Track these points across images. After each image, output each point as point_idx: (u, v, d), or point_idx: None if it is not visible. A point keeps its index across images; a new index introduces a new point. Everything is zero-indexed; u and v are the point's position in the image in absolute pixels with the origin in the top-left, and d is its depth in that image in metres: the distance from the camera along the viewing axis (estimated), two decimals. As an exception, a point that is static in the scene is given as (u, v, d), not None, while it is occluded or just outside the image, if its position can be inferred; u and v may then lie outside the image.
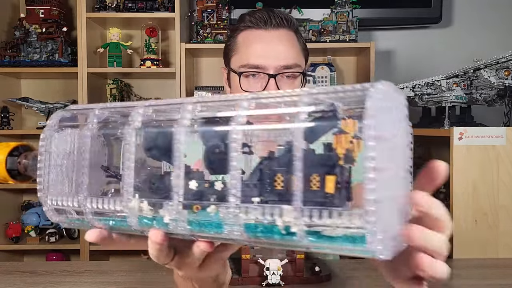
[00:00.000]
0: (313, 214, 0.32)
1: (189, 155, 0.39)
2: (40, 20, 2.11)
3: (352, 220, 0.31)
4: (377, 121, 0.30)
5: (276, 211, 0.34)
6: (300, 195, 0.33)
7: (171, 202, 0.39)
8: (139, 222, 0.41)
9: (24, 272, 0.98)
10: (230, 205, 0.36)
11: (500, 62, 1.26)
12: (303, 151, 0.33)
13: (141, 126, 0.41)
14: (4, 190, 2.15)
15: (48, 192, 0.46)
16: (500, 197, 1.20)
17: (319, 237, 0.33)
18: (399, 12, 2.19)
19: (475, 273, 1.04)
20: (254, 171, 0.37)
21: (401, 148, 0.35)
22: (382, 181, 0.30)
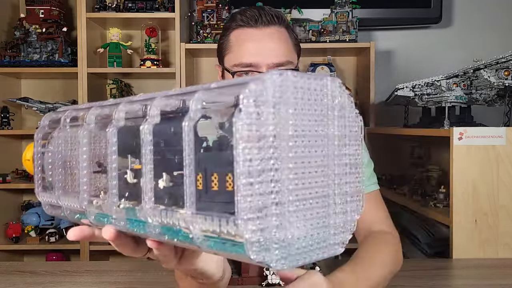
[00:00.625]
0: (199, 220, 0.30)
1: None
2: (40, 20, 2.11)
3: (230, 228, 0.28)
4: (248, 119, 0.27)
5: (176, 215, 0.32)
6: (193, 199, 0.31)
7: (108, 200, 0.38)
8: (96, 219, 0.41)
9: (24, 272, 0.98)
10: (143, 205, 0.35)
11: (500, 62, 1.26)
12: (197, 149, 0.31)
13: (93, 125, 0.42)
14: (4, 190, 2.15)
15: (41, 189, 0.48)
16: (500, 197, 1.20)
17: (222, 243, 0.30)
18: (399, 12, 2.19)
19: (475, 273, 1.04)
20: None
21: (323, 142, 0.32)
22: (261, 184, 0.27)
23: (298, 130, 0.30)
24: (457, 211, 1.21)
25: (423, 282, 0.92)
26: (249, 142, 0.27)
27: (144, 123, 0.35)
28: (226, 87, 0.31)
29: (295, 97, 0.30)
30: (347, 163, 0.34)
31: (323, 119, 0.32)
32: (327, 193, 0.32)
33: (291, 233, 0.29)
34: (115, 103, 0.41)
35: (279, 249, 0.29)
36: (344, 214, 0.34)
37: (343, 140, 0.34)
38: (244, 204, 0.27)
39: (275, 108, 0.29)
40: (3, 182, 2.07)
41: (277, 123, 0.29)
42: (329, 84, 0.32)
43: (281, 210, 0.29)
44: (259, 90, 0.28)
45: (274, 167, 0.28)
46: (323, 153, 0.32)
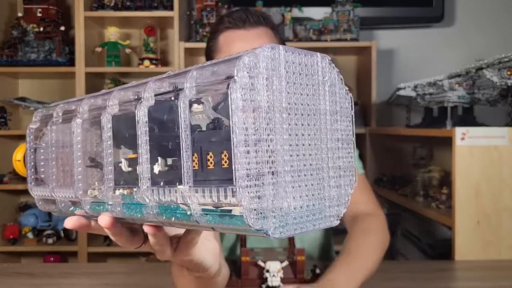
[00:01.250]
0: (198, 192, 0.31)
1: None
2: (37, 19, 2.09)
3: (229, 197, 0.29)
4: (243, 91, 0.28)
5: (173, 191, 0.33)
6: (190, 174, 0.31)
7: (103, 187, 0.39)
8: (91, 208, 0.42)
9: (21, 274, 0.97)
10: (140, 187, 0.35)
11: (502, 62, 1.25)
12: (191, 128, 0.32)
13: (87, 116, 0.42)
14: (1, 191, 2.14)
15: (34, 184, 0.49)
16: (503, 198, 1.19)
17: (220, 217, 0.31)
18: (401, 11, 2.19)
19: (478, 275, 1.03)
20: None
21: (316, 117, 0.33)
22: (256, 153, 0.28)
23: (291, 103, 0.31)
24: (459, 212, 1.19)
25: (425, 283, 0.92)
26: (245, 112, 0.28)
27: (139, 106, 0.36)
28: (219, 64, 0.32)
29: (287, 71, 0.31)
30: (339, 138, 0.35)
31: (314, 93, 0.33)
32: (321, 166, 0.33)
33: (288, 202, 0.30)
34: (106, 92, 0.42)
35: (276, 217, 0.29)
36: (338, 187, 0.35)
37: (334, 115, 0.35)
38: (242, 171, 0.28)
39: (268, 80, 0.30)
40: (0, 183, 2.06)
41: (271, 94, 0.30)
42: (319, 60, 0.33)
43: (277, 179, 0.29)
44: (252, 62, 0.29)
45: (269, 137, 0.29)
46: (315, 126, 0.33)
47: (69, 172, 0.44)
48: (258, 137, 0.28)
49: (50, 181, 0.46)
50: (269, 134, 0.29)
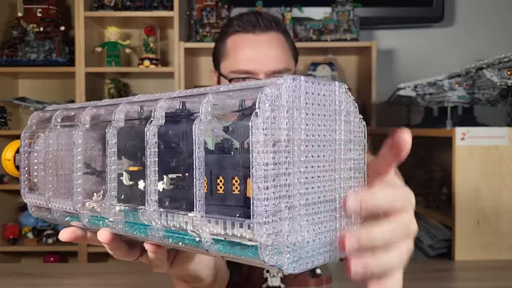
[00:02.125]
0: (211, 222, 0.30)
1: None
2: (37, 19, 2.09)
3: (244, 231, 0.29)
4: (264, 123, 0.28)
5: (184, 218, 0.32)
6: (202, 201, 0.31)
7: (104, 202, 0.39)
8: (89, 222, 0.41)
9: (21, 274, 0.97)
10: (147, 209, 0.35)
11: (502, 62, 1.25)
12: (206, 152, 0.31)
13: (89, 127, 0.42)
14: (1, 191, 2.14)
15: (27, 190, 0.48)
16: (503, 198, 1.19)
17: (230, 246, 0.31)
18: (401, 11, 2.19)
19: (478, 275, 1.03)
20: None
21: (332, 147, 0.33)
22: (275, 188, 0.28)
23: (309, 135, 0.31)
24: (459, 212, 1.19)
25: (425, 284, 0.92)
26: (265, 147, 0.28)
27: (149, 124, 0.35)
28: (237, 90, 0.32)
29: (307, 102, 0.31)
30: (351, 167, 0.35)
31: (331, 124, 0.33)
32: (333, 197, 0.33)
33: (302, 236, 0.30)
34: (111, 103, 0.41)
35: (290, 252, 0.29)
36: (348, 218, 0.35)
37: (348, 145, 0.35)
38: (260, 208, 0.27)
39: (289, 113, 0.29)
40: (0, 183, 2.06)
41: (291, 127, 0.29)
42: (337, 89, 0.33)
43: (293, 214, 0.29)
44: (274, 95, 0.29)
45: (287, 171, 0.29)
46: (330, 157, 0.33)
47: (67, 182, 0.44)
48: (277, 171, 0.28)
49: (46, 190, 0.45)
50: (287, 168, 0.29)
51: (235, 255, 0.30)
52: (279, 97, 0.29)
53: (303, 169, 0.30)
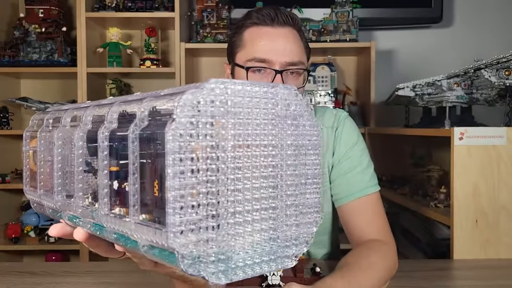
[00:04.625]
0: (138, 229, 0.29)
1: None
2: (39, 19, 2.10)
3: (163, 240, 0.27)
4: (181, 129, 0.26)
5: (124, 223, 0.31)
6: (136, 207, 0.30)
7: (75, 201, 0.38)
8: (69, 219, 0.42)
9: (23, 273, 0.98)
10: (99, 212, 0.34)
11: (500, 62, 1.26)
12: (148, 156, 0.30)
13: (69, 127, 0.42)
14: (4, 190, 2.15)
15: (27, 187, 0.49)
16: (501, 197, 1.20)
17: (165, 251, 0.29)
18: (400, 11, 2.19)
19: (476, 274, 1.04)
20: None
21: (273, 152, 0.31)
22: (192, 196, 0.26)
23: (242, 140, 0.29)
24: (457, 211, 1.20)
25: (424, 282, 0.92)
26: (181, 154, 0.26)
27: (101, 129, 0.34)
28: (167, 96, 0.30)
29: (239, 106, 0.29)
30: (303, 173, 0.32)
31: (274, 128, 0.31)
32: (276, 205, 0.31)
33: (231, 246, 0.28)
34: (84, 106, 0.41)
35: (215, 262, 0.28)
36: (297, 226, 0.32)
37: (298, 149, 0.32)
38: (174, 216, 0.26)
39: (213, 118, 0.27)
40: (2, 182, 2.07)
41: (216, 133, 0.27)
42: (282, 92, 0.31)
43: (218, 222, 0.27)
44: (195, 100, 0.27)
45: (212, 178, 0.27)
46: (273, 163, 0.31)
47: (52, 181, 0.44)
48: (197, 179, 0.26)
49: (39, 187, 0.46)
50: (211, 175, 0.27)
51: (168, 262, 0.29)
52: (201, 103, 0.27)
53: (233, 176, 0.28)
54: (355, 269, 0.79)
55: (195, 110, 0.27)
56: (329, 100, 2.09)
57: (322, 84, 2.11)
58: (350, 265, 0.80)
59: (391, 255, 0.88)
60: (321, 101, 2.09)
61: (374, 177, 0.98)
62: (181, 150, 0.26)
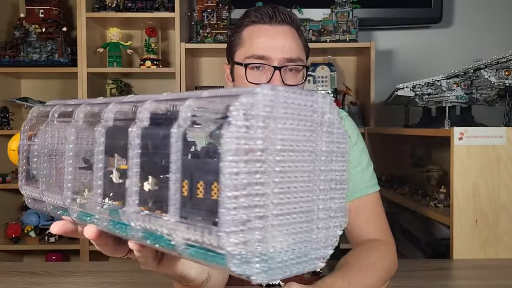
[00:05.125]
0: (181, 228, 0.30)
1: None
2: (40, 20, 2.11)
3: (212, 239, 0.28)
4: (237, 132, 0.27)
5: (159, 221, 0.32)
6: (177, 206, 0.31)
7: (92, 200, 0.38)
8: (78, 217, 0.41)
9: (23, 273, 0.98)
10: (127, 209, 0.35)
11: (500, 62, 1.26)
12: (184, 157, 0.31)
13: (81, 123, 0.42)
14: (4, 190, 2.15)
15: (24, 182, 0.48)
16: (501, 197, 1.20)
17: (204, 252, 0.30)
18: (400, 12, 2.19)
19: (475, 274, 1.04)
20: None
21: (310, 158, 0.32)
22: (246, 197, 0.27)
23: (286, 145, 0.30)
24: (457, 211, 1.20)
25: (423, 282, 0.92)
26: (237, 156, 0.27)
27: (133, 126, 0.35)
28: (217, 97, 0.31)
29: (285, 112, 0.30)
30: (332, 178, 0.34)
31: (312, 134, 0.32)
32: (311, 208, 0.32)
33: (273, 247, 0.29)
34: (105, 102, 0.41)
35: (260, 262, 0.29)
36: (326, 229, 0.34)
37: (330, 156, 0.34)
38: (228, 217, 0.27)
39: (265, 122, 0.29)
40: (2, 182, 2.07)
41: (266, 137, 0.29)
42: (320, 100, 0.33)
43: (264, 223, 0.29)
44: (249, 104, 0.28)
45: (260, 181, 0.28)
46: (309, 168, 0.32)
47: (60, 177, 0.44)
48: (248, 181, 0.27)
49: (40, 183, 0.45)
50: (260, 178, 0.28)
51: (207, 261, 0.30)
52: (254, 106, 0.28)
53: (278, 179, 0.29)
54: (355, 269, 0.79)
55: (250, 114, 0.28)
56: (329, 100, 2.09)
57: (322, 84, 2.11)
58: (350, 264, 0.81)
59: (390, 255, 0.89)
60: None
61: (373, 177, 0.98)
62: (237, 152, 0.27)
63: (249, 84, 0.91)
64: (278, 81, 0.89)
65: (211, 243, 0.28)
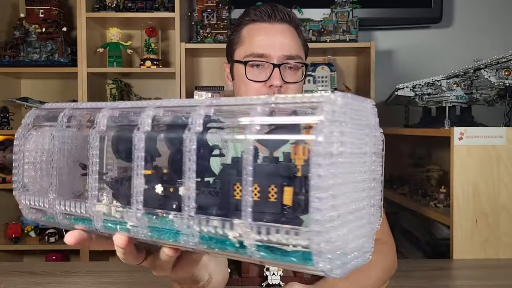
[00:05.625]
0: (262, 230, 0.31)
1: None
2: (40, 20, 2.11)
3: (298, 238, 0.30)
4: (326, 137, 0.29)
5: (228, 225, 0.33)
6: (250, 209, 0.32)
7: (131, 208, 0.38)
8: (104, 226, 0.41)
9: (23, 273, 0.98)
10: (184, 215, 0.35)
11: (500, 62, 1.26)
12: (257, 161, 0.32)
13: (106, 129, 0.41)
14: (4, 190, 2.15)
15: (22, 191, 0.47)
16: (500, 197, 1.20)
17: (272, 252, 0.32)
18: (400, 12, 2.19)
19: (475, 274, 1.04)
20: (215, 178, 0.36)
21: (364, 159, 0.35)
22: (331, 198, 0.29)
23: (353, 148, 0.33)
24: (457, 211, 1.20)
25: (423, 282, 0.92)
26: (324, 159, 0.29)
27: (188, 133, 0.35)
28: (288, 103, 0.33)
29: (351, 117, 0.32)
30: (375, 178, 0.37)
31: (364, 137, 0.35)
32: (364, 205, 0.35)
33: (347, 243, 0.32)
34: (140, 106, 0.41)
35: (339, 258, 0.31)
36: (371, 224, 0.37)
37: (374, 156, 0.37)
38: (318, 216, 0.29)
39: (341, 127, 0.31)
40: (2, 182, 2.07)
41: (342, 141, 0.31)
42: (369, 105, 0.36)
43: (341, 221, 0.31)
44: (331, 110, 0.30)
45: (339, 182, 0.30)
46: (363, 169, 0.35)
47: (69, 183, 0.43)
48: (332, 183, 0.29)
49: (49, 191, 0.44)
50: (338, 179, 0.30)
51: (276, 260, 0.32)
52: (336, 113, 0.30)
53: (348, 180, 0.32)
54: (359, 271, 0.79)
55: (332, 120, 0.30)
56: (329, 100, 2.09)
57: (322, 84, 2.11)
58: None
59: (390, 255, 0.89)
60: (321, 101, 2.08)
61: None
62: (324, 156, 0.29)
63: (249, 82, 0.91)
64: (278, 78, 0.90)
65: (298, 243, 0.30)
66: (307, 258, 0.30)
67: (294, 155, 0.32)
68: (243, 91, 0.94)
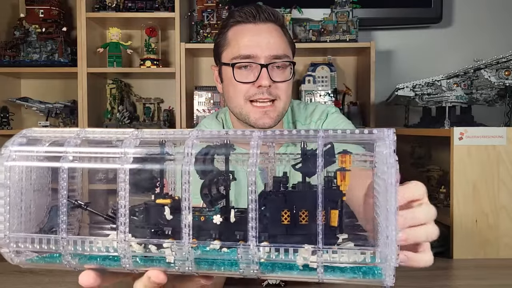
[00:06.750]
0: (331, 253, 0.36)
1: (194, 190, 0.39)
2: (40, 20, 2.11)
3: (367, 258, 0.36)
4: (389, 168, 0.35)
5: (296, 250, 0.37)
6: (320, 234, 0.36)
7: (179, 243, 0.38)
8: (134, 263, 0.40)
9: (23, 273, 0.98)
10: (247, 245, 0.37)
11: (500, 62, 1.26)
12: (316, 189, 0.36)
13: (132, 161, 0.40)
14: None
15: (13, 230, 0.41)
16: (501, 197, 1.20)
17: (333, 270, 0.36)
18: (400, 12, 2.19)
19: (475, 274, 1.04)
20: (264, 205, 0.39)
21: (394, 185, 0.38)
22: (390, 221, 0.34)
23: (385, 177, 0.38)
24: (457, 211, 1.20)
25: (424, 282, 0.92)
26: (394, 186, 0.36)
27: (251, 166, 0.38)
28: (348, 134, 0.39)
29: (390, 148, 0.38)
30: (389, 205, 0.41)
31: (384, 167, 0.39)
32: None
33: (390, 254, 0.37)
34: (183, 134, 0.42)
35: (394, 271, 0.36)
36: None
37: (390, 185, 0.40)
38: (393, 237, 0.35)
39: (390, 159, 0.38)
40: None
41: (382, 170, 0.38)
42: (391, 135, 0.40)
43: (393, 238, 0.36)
44: (393, 141, 0.37)
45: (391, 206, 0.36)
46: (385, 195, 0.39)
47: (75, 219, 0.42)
48: (387, 209, 0.35)
49: (59, 230, 0.40)
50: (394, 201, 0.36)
51: (331, 277, 0.36)
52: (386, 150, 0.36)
53: (394, 203, 0.37)
54: None
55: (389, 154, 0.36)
56: (329, 100, 2.09)
57: (322, 84, 2.11)
58: None
59: None
60: (321, 101, 2.09)
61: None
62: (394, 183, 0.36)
63: (237, 84, 0.91)
64: (266, 78, 0.90)
65: (377, 262, 0.36)
66: (366, 272, 0.36)
67: (341, 181, 0.37)
68: (232, 93, 0.94)
